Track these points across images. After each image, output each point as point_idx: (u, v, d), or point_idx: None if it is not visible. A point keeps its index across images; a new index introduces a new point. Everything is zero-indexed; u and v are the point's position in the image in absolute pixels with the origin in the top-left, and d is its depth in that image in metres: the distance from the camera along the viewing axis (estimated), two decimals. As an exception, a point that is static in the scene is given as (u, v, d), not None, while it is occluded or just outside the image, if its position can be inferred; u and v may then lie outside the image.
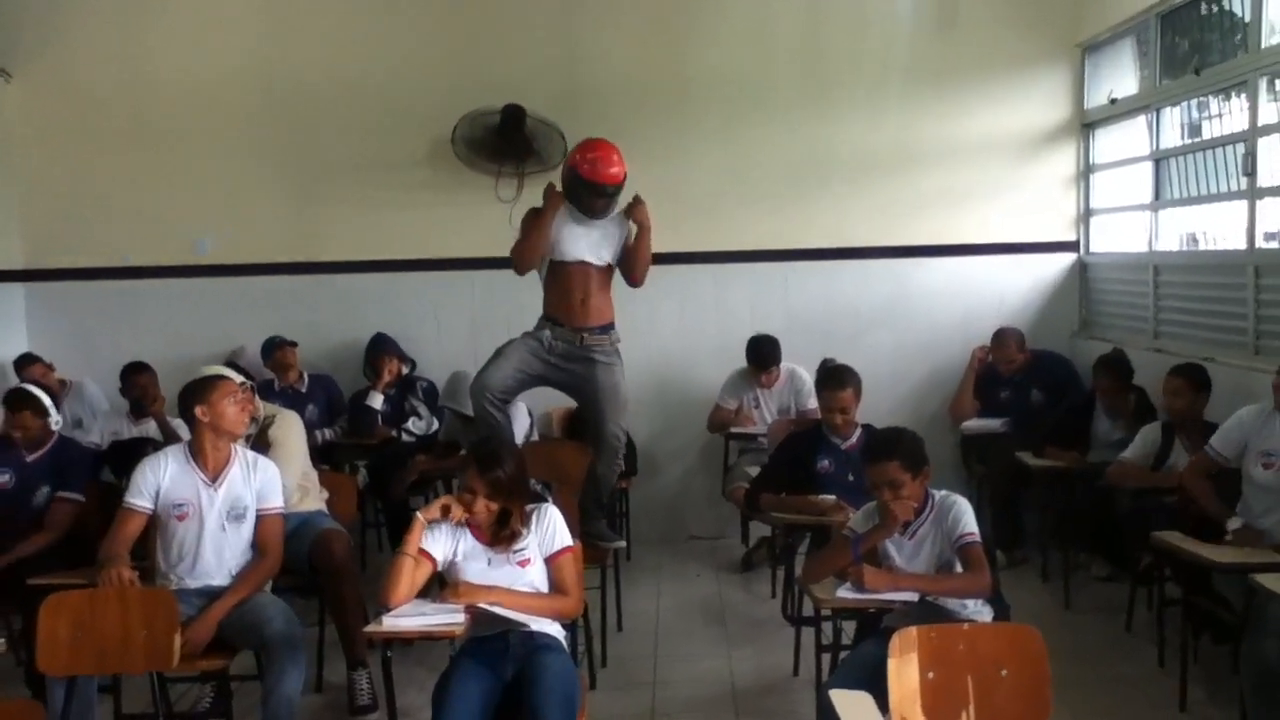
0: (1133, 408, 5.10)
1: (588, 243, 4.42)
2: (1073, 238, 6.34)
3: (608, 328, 4.48)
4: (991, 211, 6.29)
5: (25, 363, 5.81)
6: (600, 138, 4.41)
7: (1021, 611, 2.73)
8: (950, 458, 6.04)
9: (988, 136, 6.27)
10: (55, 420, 4.55)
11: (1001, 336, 5.93)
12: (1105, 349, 5.43)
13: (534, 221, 4.43)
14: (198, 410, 3.61)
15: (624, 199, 4.45)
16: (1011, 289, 6.34)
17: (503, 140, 6.11)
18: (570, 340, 4.41)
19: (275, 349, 6.01)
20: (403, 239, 6.31)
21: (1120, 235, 6.18)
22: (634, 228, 4.46)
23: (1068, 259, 6.34)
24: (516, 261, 4.47)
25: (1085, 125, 6.25)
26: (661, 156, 6.05)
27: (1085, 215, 6.32)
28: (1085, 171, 6.29)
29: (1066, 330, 6.32)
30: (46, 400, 4.52)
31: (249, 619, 3.44)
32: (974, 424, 5.88)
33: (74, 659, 3.06)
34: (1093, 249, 6.31)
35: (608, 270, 4.50)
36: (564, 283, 4.43)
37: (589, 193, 4.34)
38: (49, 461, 4.46)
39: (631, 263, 4.49)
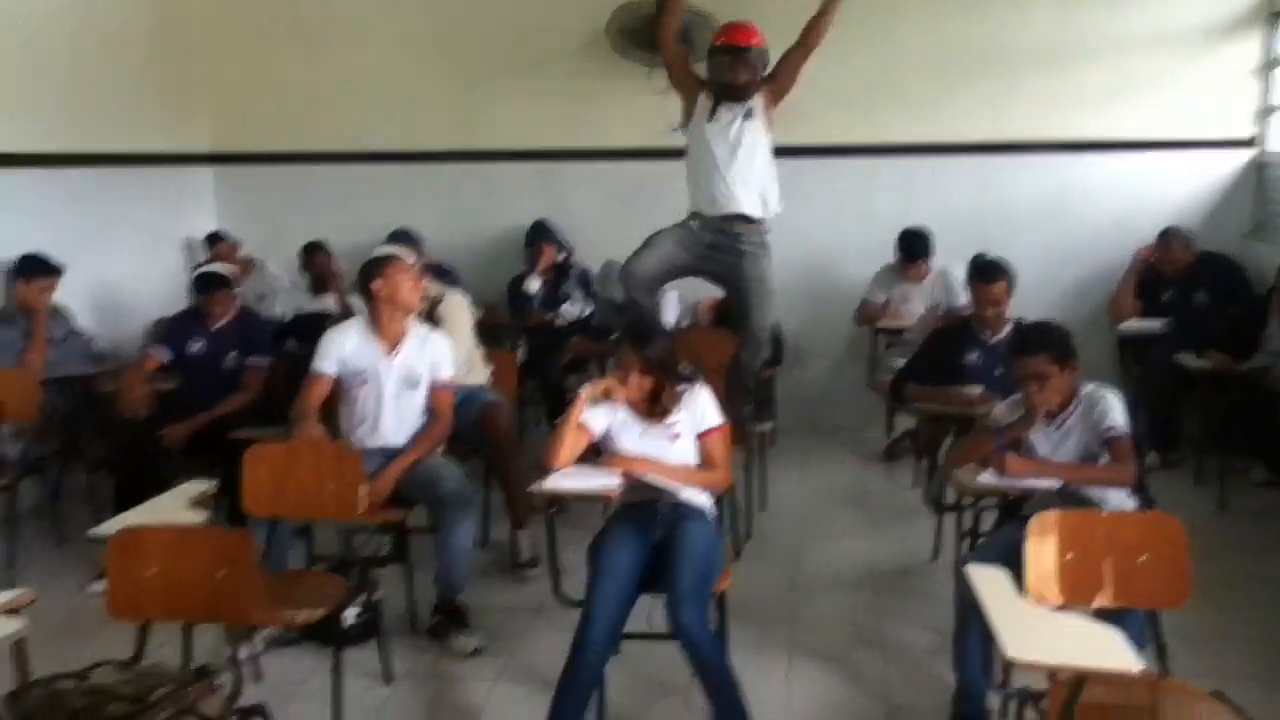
0: (1309, 316, 4.93)
1: (726, 131, 4.47)
2: (1250, 134, 6.03)
3: (749, 219, 4.51)
4: (1161, 106, 6.03)
5: (215, 240, 6.28)
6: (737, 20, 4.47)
7: (1171, 510, 2.74)
8: (1108, 359, 5.95)
9: (1160, 26, 5.98)
10: (239, 292, 4.92)
11: (1167, 236, 5.74)
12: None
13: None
14: (375, 284, 3.88)
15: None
16: (1179, 187, 6.10)
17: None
18: (717, 231, 4.51)
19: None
20: (560, 129, 6.47)
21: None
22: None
23: (1243, 156, 6.05)
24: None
25: (1274, 14, 5.88)
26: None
27: (1266, 111, 5.99)
28: (1270, 64, 5.94)
29: (1238, 232, 6.06)
30: (231, 272, 4.90)
31: (425, 477, 3.75)
32: (1133, 325, 5.75)
33: (274, 503, 3.41)
34: (1272, 147, 5.99)
35: (754, 146, 4.51)
36: (701, 172, 4.51)
37: (726, 60, 4.39)
38: (235, 331, 4.84)
39: (809, 25, 4.52)
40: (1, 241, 5.07)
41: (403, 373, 3.90)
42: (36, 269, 5.00)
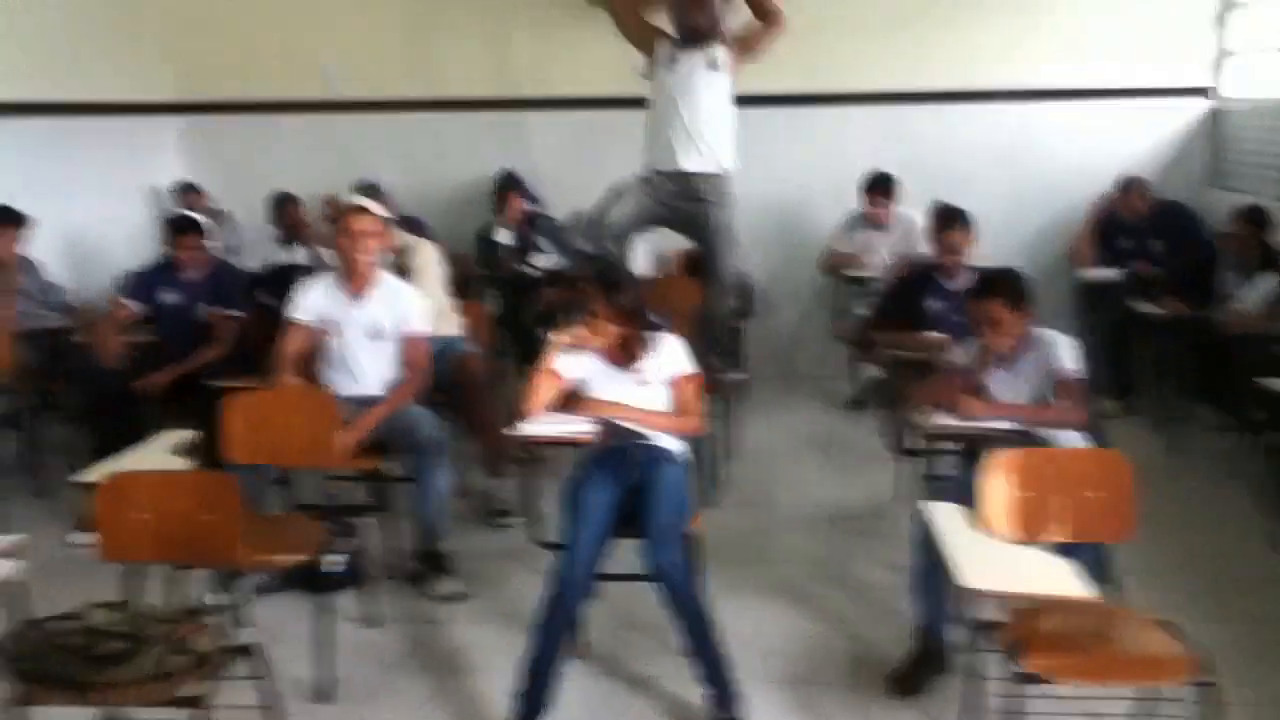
0: (1258, 264, 5.07)
1: (689, 80, 4.50)
2: (1206, 83, 6.14)
3: (708, 175, 4.55)
4: (1119, 54, 6.13)
5: (187, 190, 6.25)
6: None
7: (1125, 453, 2.88)
8: (1066, 305, 6.08)
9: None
10: (210, 242, 4.93)
11: (1127, 184, 5.86)
12: (1236, 200, 5.35)
13: None
14: (339, 237, 3.93)
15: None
16: (1138, 135, 6.22)
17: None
18: (678, 183, 4.57)
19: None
20: (528, 76, 6.49)
21: (1259, 80, 5.95)
22: None
23: (1200, 105, 6.18)
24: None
25: (1230, -39, 5.99)
26: None
27: (1221, 57, 6.10)
28: (1224, 10, 6.03)
29: (1195, 180, 6.19)
30: (205, 223, 4.91)
31: (402, 425, 3.82)
32: (1095, 272, 5.89)
33: (253, 450, 3.48)
34: (1228, 94, 6.11)
35: (717, 96, 4.54)
36: (658, 122, 4.55)
37: (680, 6, 4.44)
38: (209, 282, 4.87)
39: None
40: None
41: (367, 323, 3.95)
42: (2, 220, 4.99)
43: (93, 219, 6.00)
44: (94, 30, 6.03)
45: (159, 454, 3.25)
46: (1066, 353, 3.36)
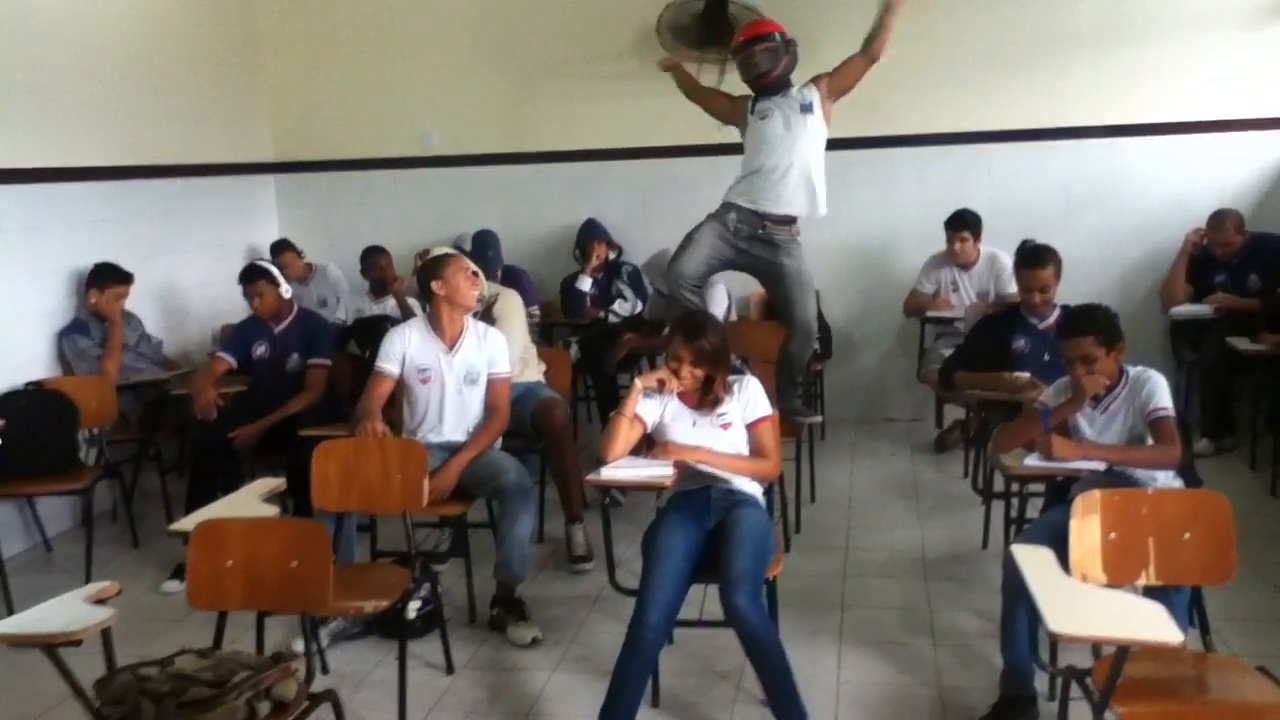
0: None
1: (783, 126, 4.58)
2: (1300, 114, 5.97)
3: (789, 220, 4.64)
4: (1210, 87, 5.98)
5: (279, 249, 6.46)
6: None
7: (1222, 494, 2.78)
8: (1160, 344, 5.92)
9: (1213, 7, 5.93)
10: (285, 290, 5.02)
11: (1219, 218, 5.69)
12: (1333, 231, 5.17)
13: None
14: (434, 285, 4.01)
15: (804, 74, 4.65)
16: (1231, 168, 6.04)
17: (706, 27, 6.22)
18: (752, 225, 4.60)
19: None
20: (611, 129, 6.59)
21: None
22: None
23: (1293, 136, 5.99)
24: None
25: (1326, -10, 5.82)
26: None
27: (1315, 88, 5.93)
28: (1318, 40, 5.88)
29: (1291, 213, 6.00)
30: (275, 271, 5.03)
31: (486, 471, 3.88)
32: (1184, 309, 5.73)
33: (341, 497, 3.56)
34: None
35: (811, 141, 4.62)
36: (757, 168, 4.61)
37: (741, 56, 4.58)
38: (296, 332, 4.99)
39: (873, 36, 4.65)
40: (75, 252, 5.30)
41: (463, 369, 4.03)
42: (110, 277, 5.23)
43: (194, 277, 6.24)
44: (194, 95, 6.31)
45: (251, 502, 3.33)
46: (1160, 391, 3.27)
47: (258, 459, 4.76)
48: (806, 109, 4.60)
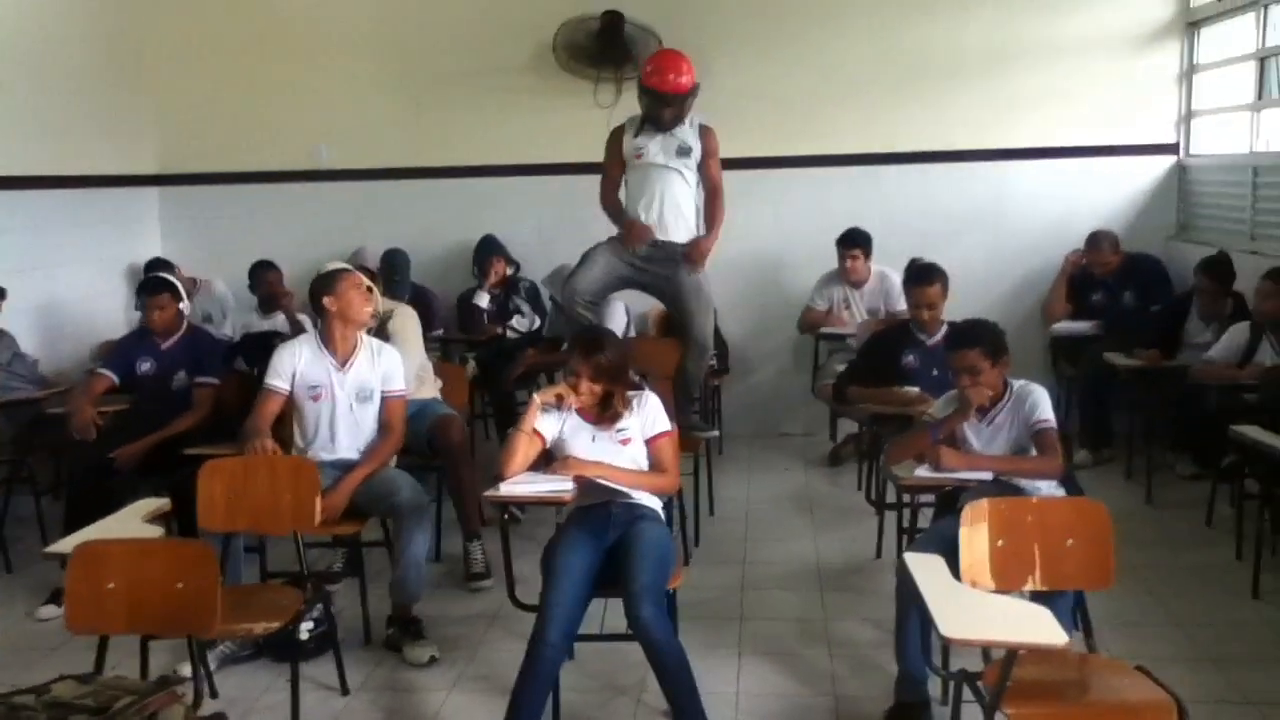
0: (1229, 312, 5.14)
1: (660, 148, 4.66)
2: (1172, 140, 6.28)
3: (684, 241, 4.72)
4: (1089, 114, 6.26)
5: (152, 267, 6.22)
6: (672, 49, 4.59)
7: (1103, 503, 2.90)
8: (1041, 360, 6.14)
9: (1087, 35, 6.22)
10: (185, 306, 4.87)
11: (1096, 239, 5.95)
12: (1202, 252, 5.44)
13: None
14: (326, 300, 3.93)
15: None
16: (1108, 192, 6.33)
17: (602, 46, 6.27)
18: (652, 245, 4.65)
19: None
20: (507, 145, 6.56)
21: (1221, 137, 6.10)
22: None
23: (1166, 162, 6.30)
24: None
25: (1190, 24, 6.14)
26: (757, 61, 6.24)
27: (1186, 117, 6.25)
28: (1188, 72, 6.20)
29: (1162, 234, 6.29)
30: (180, 286, 4.88)
31: (380, 489, 3.80)
32: (1064, 326, 5.97)
33: (229, 518, 3.45)
34: (1193, 151, 6.24)
35: (685, 182, 4.71)
36: (639, 190, 4.66)
37: (654, 102, 4.57)
38: (184, 350, 4.80)
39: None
40: (-57, 266, 5.05)
41: (355, 386, 3.95)
42: (-21, 293, 4.99)
43: (70, 292, 6.00)
44: (74, 104, 6.08)
45: (133, 523, 3.21)
46: (1043, 403, 3.40)
47: (140, 480, 4.57)
48: (684, 152, 4.68)
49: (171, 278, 4.99)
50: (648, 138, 4.70)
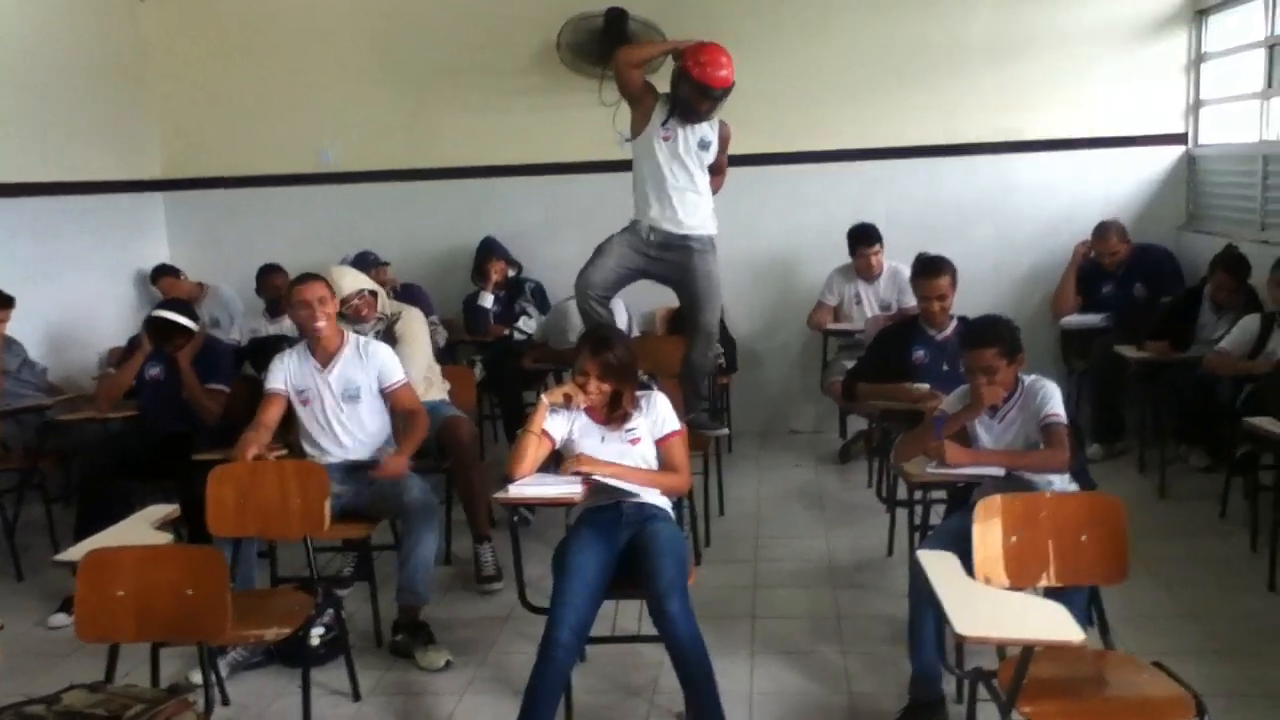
0: (1242, 305, 5.09)
1: (684, 156, 4.58)
2: (1181, 130, 6.23)
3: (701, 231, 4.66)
4: (1096, 104, 6.22)
5: (159, 274, 6.24)
6: (714, 42, 4.53)
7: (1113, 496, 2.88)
8: (1050, 352, 6.10)
9: (1094, 24, 6.17)
10: (196, 329, 4.87)
11: (1103, 229, 5.90)
12: (1211, 242, 5.40)
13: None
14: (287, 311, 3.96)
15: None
16: (1117, 182, 6.28)
17: (606, 44, 6.23)
18: (666, 234, 4.61)
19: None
20: (511, 144, 6.55)
21: (1230, 126, 6.05)
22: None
23: (1175, 152, 6.25)
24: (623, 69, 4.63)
25: (1199, 11, 6.09)
26: (762, 56, 6.19)
27: (1195, 106, 6.20)
28: (1196, 60, 6.15)
29: (1172, 224, 6.25)
30: (186, 321, 4.81)
31: (389, 489, 3.79)
32: (1074, 319, 5.93)
33: (238, 523, 3.45)
34: (1202, 141, 6.20)
35: (700, 174, 4.65)
36: (653, 188, 4.61)
37: (697, 94, 4.47)
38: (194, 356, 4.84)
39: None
40: (-49, 274, 5.05)
41: (341, 386, 3.94)
42: (-12, 301, 4.99)
43: (79, 299, 6.01)
44: (79, 111, 6.09)
45: (142, 530, 3.20)
46: (1053, 398, 3.35)
47: (150, 486, 4.57)
48: (704, 146, 4.64)
49: (182, 319, 4.85)
50: (677, 124, 4.64)
